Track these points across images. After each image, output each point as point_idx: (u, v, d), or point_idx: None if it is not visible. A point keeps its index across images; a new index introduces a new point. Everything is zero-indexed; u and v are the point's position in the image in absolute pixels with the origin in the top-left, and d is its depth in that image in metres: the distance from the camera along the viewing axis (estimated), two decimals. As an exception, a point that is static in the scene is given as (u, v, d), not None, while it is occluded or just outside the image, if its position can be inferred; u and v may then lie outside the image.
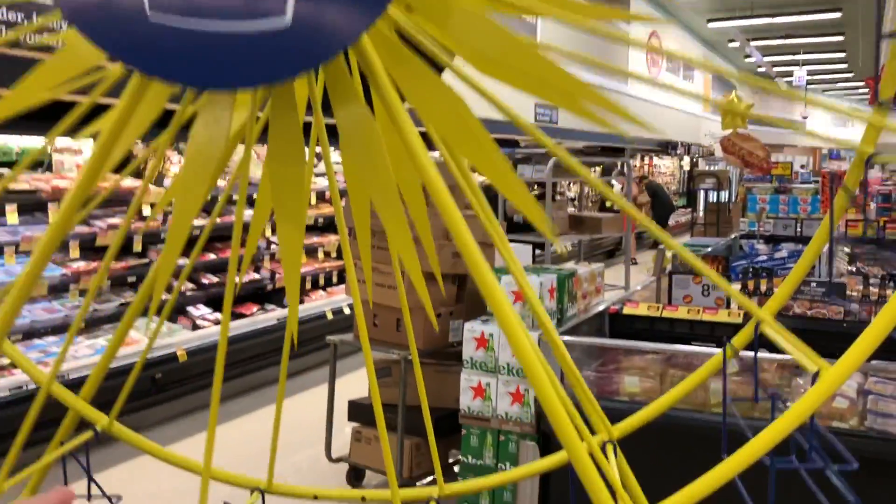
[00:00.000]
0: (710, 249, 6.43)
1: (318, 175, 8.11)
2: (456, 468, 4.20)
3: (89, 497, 0.91)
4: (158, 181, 6.23)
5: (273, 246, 7.20)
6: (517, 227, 7.35)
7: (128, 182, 5.82)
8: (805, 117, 25.33)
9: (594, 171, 11.15)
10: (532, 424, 3.86)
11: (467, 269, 4.18)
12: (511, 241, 5.69)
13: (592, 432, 1.07)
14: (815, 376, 0.64)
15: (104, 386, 1.14)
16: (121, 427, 1.12)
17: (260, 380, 6.43)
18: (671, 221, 14.33)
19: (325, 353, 4.67)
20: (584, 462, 0.70)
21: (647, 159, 16.06)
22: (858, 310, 4.23)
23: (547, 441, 3.80)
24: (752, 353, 0.75)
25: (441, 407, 4.32)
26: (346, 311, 7.23)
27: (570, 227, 7.48)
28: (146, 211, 5.80)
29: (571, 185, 12.53)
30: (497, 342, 3.96)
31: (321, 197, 7.89)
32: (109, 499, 0.91)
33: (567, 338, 3.94)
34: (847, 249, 6.65)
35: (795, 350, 0.73)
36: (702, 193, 13.71)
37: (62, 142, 5.73)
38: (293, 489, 1.00)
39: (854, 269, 5.77)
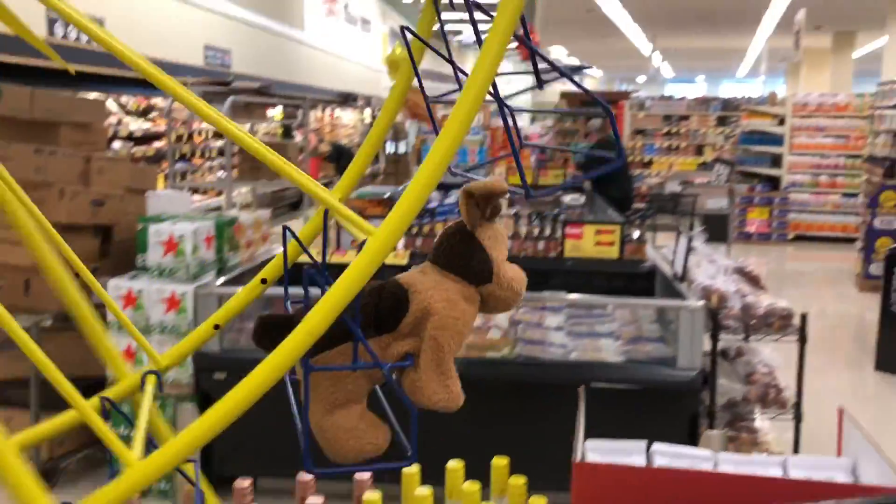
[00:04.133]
0: (387, 195, 6.53)
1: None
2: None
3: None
4: None
5: None
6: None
7: None
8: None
9: (271, 117, 10.88)
10: (190, 385, 3.55)
11: (112, 220, 3.58)
12: (172, 187, 5.21)
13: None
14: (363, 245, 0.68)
15: None
16: None
17: None
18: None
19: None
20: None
21: (328, 110, 15.98)
22: (511, 246, 4.50)
23: (207, 401, 3.52)
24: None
25: (87, 376, 3.80)
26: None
27: (245, 174, 7.01)
28: None
29: (255, 126, 12.01)
30: (148, 299, 3.56)
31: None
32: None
33: (230, 289, 3.66)
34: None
35: (351, 225, 0.76)
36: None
37: None
38: None
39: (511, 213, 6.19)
